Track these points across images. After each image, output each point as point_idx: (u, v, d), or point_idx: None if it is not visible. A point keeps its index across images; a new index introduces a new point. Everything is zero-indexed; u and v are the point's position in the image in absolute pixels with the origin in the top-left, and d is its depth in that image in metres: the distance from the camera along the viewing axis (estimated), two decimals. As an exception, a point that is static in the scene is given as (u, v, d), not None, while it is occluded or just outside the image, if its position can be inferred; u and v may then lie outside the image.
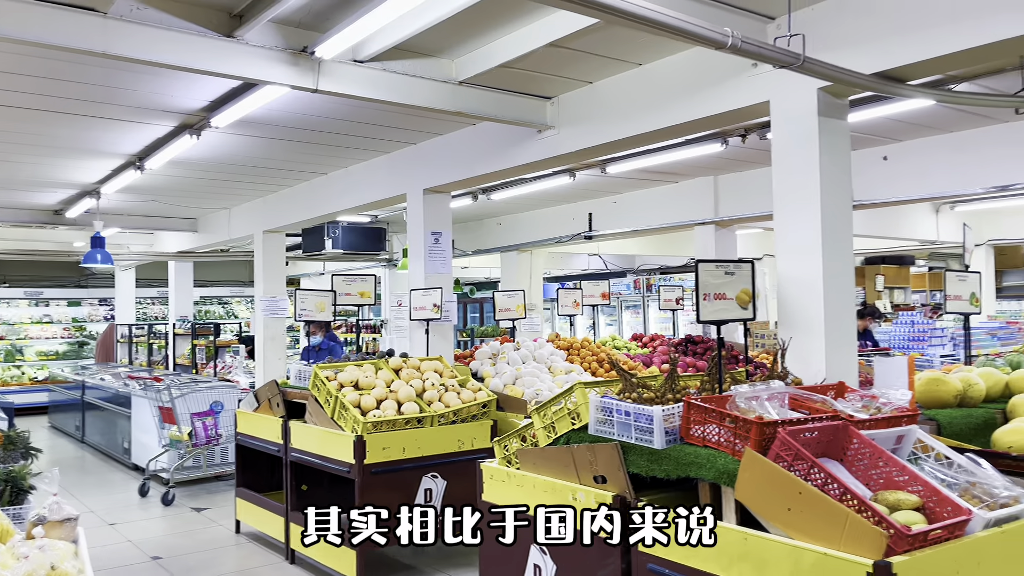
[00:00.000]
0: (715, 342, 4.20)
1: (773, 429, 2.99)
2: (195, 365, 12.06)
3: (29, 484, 4.06)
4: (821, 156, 3.97)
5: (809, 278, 3.97)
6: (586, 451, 3.53)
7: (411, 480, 5.42)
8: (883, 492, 2.85)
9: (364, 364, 6.06)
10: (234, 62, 4.23)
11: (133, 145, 7.02)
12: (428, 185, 6.92)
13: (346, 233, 11.52)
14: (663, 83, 4.86)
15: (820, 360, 3.90)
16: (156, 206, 10.45)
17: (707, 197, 9.01)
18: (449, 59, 5.02)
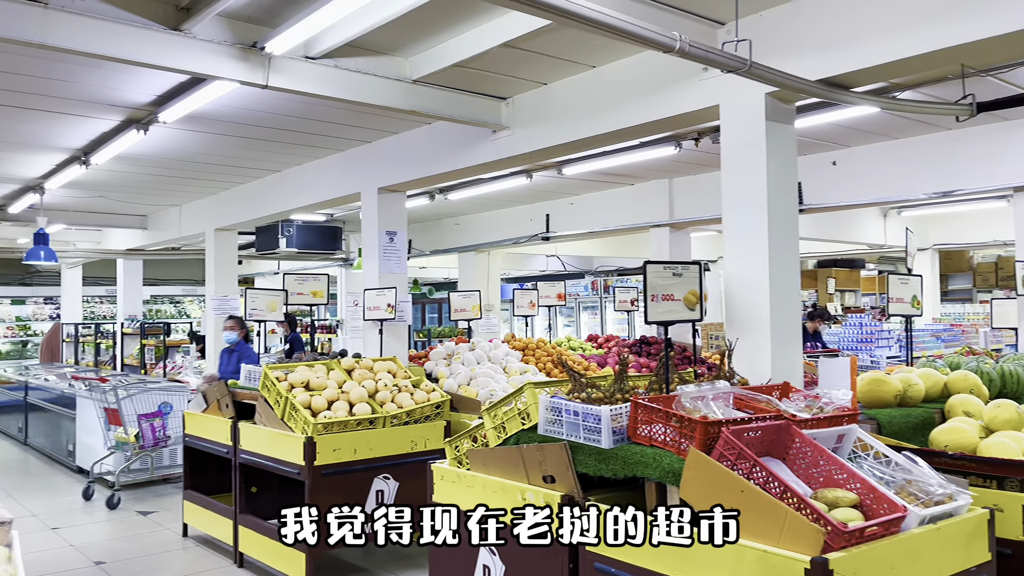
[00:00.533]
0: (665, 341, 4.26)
1: (717, 429, 3.03)
2: (144, 365, 11.80)
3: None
4: (768, 159, 4.03)
5: (756, 279, 4.03)
6: (535, 451, 3.53)
7: (362, 482, 5.36)
8: (822, 490, 2.91)
9: (315, 365, 5.98)
10: (181, 56, 4.15)
11: (78, 139, 6.84)
12: (383, 184, 6.87)
13: (301, 232, 11.38)
14: (616, 86, 4.89)
15: (766, 360, 3.96)
16: (104, 202, 10.21)
17: (662, 199, 9.10)
18: (403, 57, 4.99)
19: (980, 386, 4.29)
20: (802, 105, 5.53)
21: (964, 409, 3.99)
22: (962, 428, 3.71)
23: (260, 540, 5.52)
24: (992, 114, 6.15)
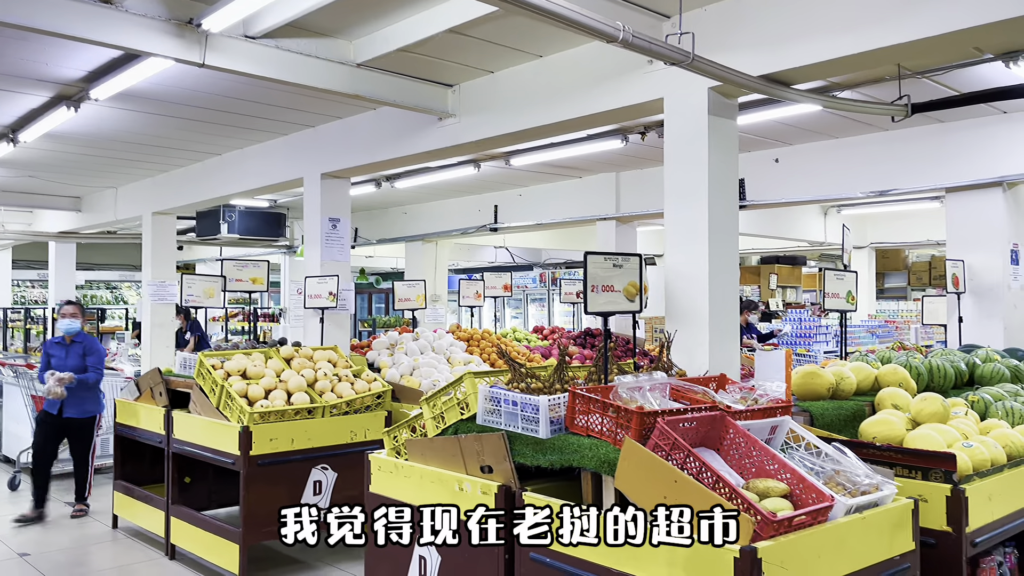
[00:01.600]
0: (615, 335, 4.26)
1: (653, 419, 3.04)
2: (77, 352, 11.40)
3: None
4: (710, 153, 4.06)
5: (695, 272, 4.07)
6: (473, 441, 3.50)
7: (300, 472, 5.27)
8: (754, 480, 2.94)
9: (253, 352, 5.85)
10: (112, 30, 3.99)
11: (4, 116, 6.55)
12: (326, 170, 6.74)
13: (243, 217, 11.13)
14: (563, 76, 4.87)
15: (704, 352, 4.00)
16: (35, 183, 9.81)
17: (609, 193, 9.15)
18: (347, 40, 4.89)
19: (909, 380, 4.41)
20: (746, 102, 5.61)
21: (893, 402, 4.09)
22: (890, 420, 3.80)
23: (193, 532, 5.38)
24: (927, 116, 6.33)
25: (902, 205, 10.09)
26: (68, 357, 6.40)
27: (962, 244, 6.84)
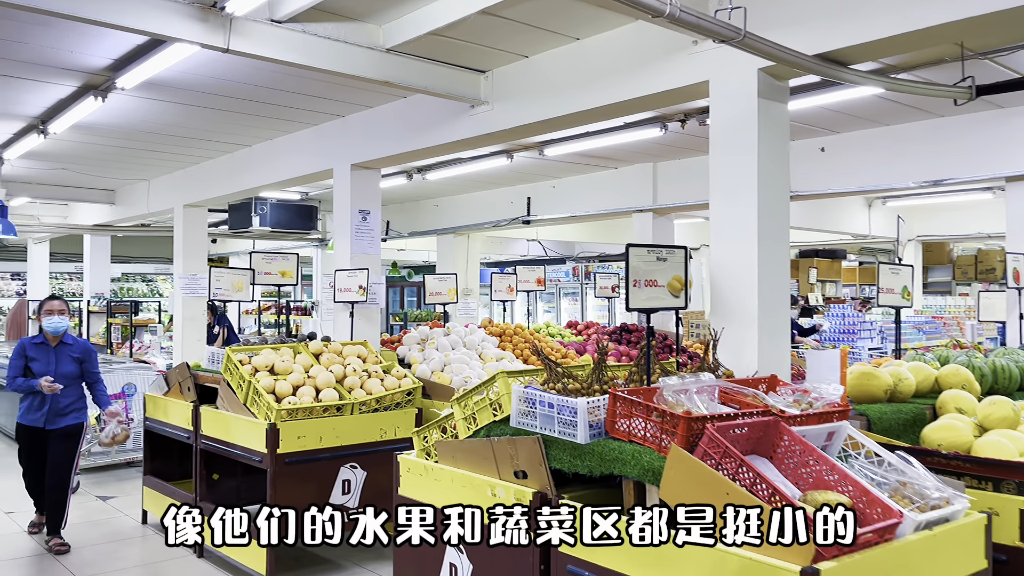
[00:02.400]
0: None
1: (701, 425, 2.82)
2: (110, 345, 11.45)
3: None
4: (760, 139, 3.81)
5: (744, 266, 3.82)
6: (507, 444, 3.31)
7: (328, 471, 5.14)
8: (812, 492, 2.71)
9: (281, 348, 5.73)
10: (134, 14, 3.85)
11: (33, 107, 6.48)
12: (356, 160, 6.58)
13: (275, 210, 11.05)
14: (601, 59, 4.64)
15: (753, 352, 3.76)
16: (68, 175, 9.82)
17: (646, 184, 8.88)
18: (376, 24, 4.71)
19: (972, 381, 4.13)
20: (792, 87, 5.33)
21: (956, 406, 3.82)
22: (955, 426, 3.54)
23: (220, 530, 5.26)
24: (985, 100, 5.98)
25: (951, 197, 9.68)
26: (59, 363, 5.43)
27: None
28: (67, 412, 5.48)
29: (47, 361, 5.38)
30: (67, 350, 5.49)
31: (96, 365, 5.65)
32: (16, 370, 5.36)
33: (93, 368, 5.63)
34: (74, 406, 5.50)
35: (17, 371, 5.35)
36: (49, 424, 5.42)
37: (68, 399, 5.45)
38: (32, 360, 5.37)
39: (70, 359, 5.47)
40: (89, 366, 5.60)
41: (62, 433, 5.47)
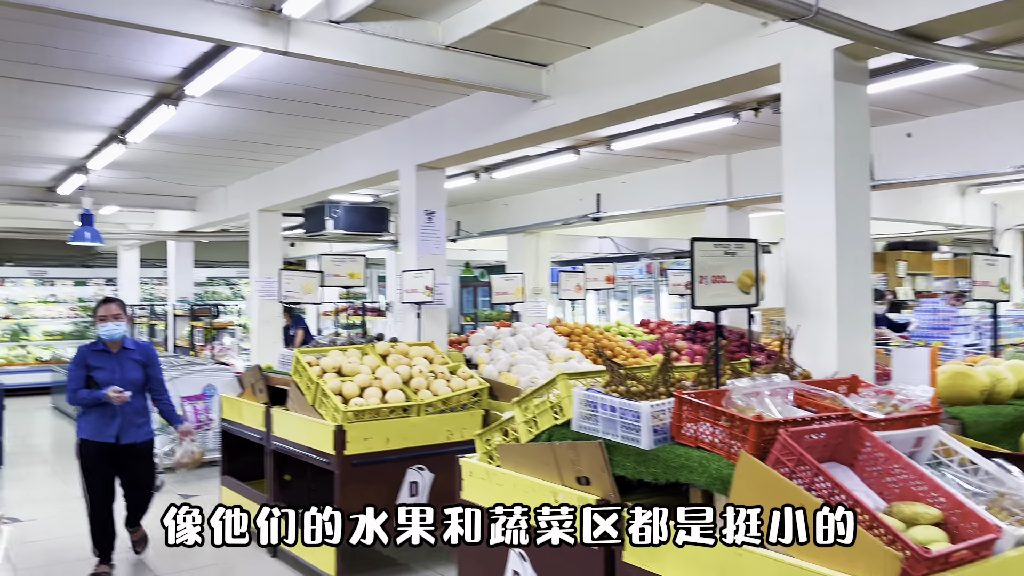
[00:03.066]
0: (725, 328, 3.85)
1: (773, 430, 2.63)
2: (193, 347, 11.83)
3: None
4: (836, 125, 3.57)
5: (820, 260, 3.59)
6: (568, 449, 3.19)
7: (395, 473, 5.11)
8: (898, 504, 2.50)
9: (349, 349, 5.75)
10: (195, 20, 3.89)
11: (112, 117, 6.71)
12: (421, 161, 6.56)
13: (348, 213, 11.19)
14: (666, 47, 4.46)
15: (831, 351, 3.52)
16: (152, 183, 10.17)
17: (719, 177, 8.59)
18: (435, 21, 4.65)
19: (1080, 382, 3.77)
20: (874, 68, 5.02)
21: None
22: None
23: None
24: (1093, 76, 5.50)
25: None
26: (124, 370, 4.96)
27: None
28: (139, 424, 5.06)
29: (111, 369, 4.90)
30: (130, 355, 5.02)
31: (160, 371, 5.22)
32: (78, 381, 4.88)
33: (157, 374, 5.18)
34: (143, 417, 5.12)
35: (79, 383, 4.88)
36: (124, 437, 4.96)
37: (138, 409, 5.05)
38: (94, 369, 4.88)
39: (135, 365, 5.02)
40: (153, 371, 5.13)
41: (138, 450, 5.08)
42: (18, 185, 10.30)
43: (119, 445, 4.97)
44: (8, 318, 16.48)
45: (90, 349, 4.98)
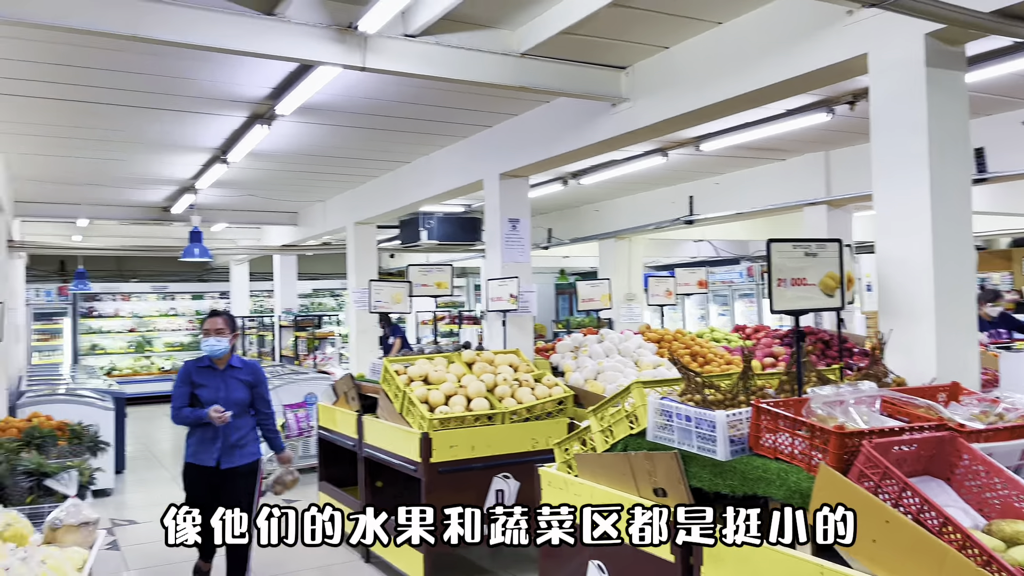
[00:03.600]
0: (827, 333, 3.67)
1: (857, 441, 2.47)
2: (297, 356, 12.28)
3: (88, 478, 4.02)
4: (930, 114, 3.34)
5: (915, 259, 3.36)
6: (644, 460, 3.11)
7: (481, 480, 5.13)
8: (999, 522, 2.30)
9: (435, 357, 5.82)
10: (275, 41, 4.03)
11: (213, 138, 7.05)
12: (504, 169, 6.58)
13: (441, 224, 11.37)
14: (746, 42, 4.30)
15: (929, 356, 3.29)
16: (256, 200, 10.64)
17: (818, 175, 8.23)
18: (509, 29, 4.65)
19: None
20: (980, 53, 4.69)
21: None
22: None
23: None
24: None
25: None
26: (228, 388, 4.57)
27: None
28: (243, 445, 4.61)
29: (216, 387, 4.53)
30: (236, 374, 4.64)
31: (267, 392, 4.83)
32: (182, 399, 4.54)
33: (265, 395, 4.77)
34: (248, 438, 4.66)
35: (183, 400, 4.54)
36: (225, 462, 4.54)
37: (241, 431, 4.60)
38: (199, 387, 4.53)
39: (240, 384, 4.61)
40: (261, 391, 4.74)
41: (240, 472, 4.62)
42: (136, 206, 10.98)
43: (220, 470, 4.53)
44: (133, 331, 17.60)
45: (196, 365, 4.65)
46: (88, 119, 6.33)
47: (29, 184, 9.16)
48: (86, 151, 7.52)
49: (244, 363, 4.77)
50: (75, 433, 4.57)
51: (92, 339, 17.44)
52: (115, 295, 17.69)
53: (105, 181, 9.10)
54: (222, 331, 4.56)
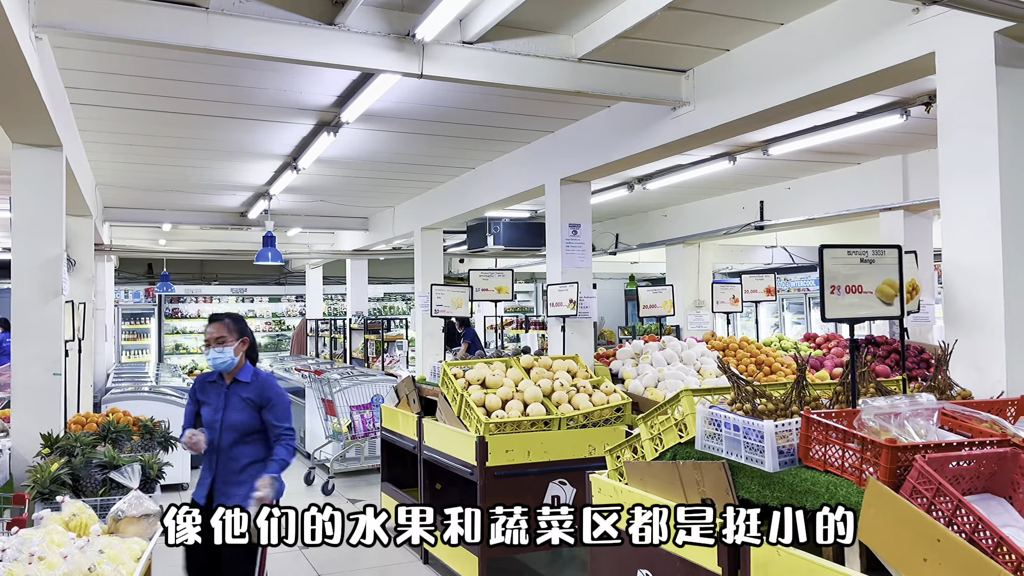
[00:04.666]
0: (906, 344, 3.55)
1: (910, 455, 2.37)
2: (367, 358, 12.52)
3: (158, 472, 4.19)
4: (1000, 114, 3.19)
5: (983, 265, 3.20)
6: (692, 469, 3.06)
7: (537, 486, 5.13)
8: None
9: (494, 362, 5.85)
10: (336, 50, 4.14)
11: (283, 146, 7.27)
12: (565, 175, 6.58)
13: (507, 229, 11.42)
14: (808, 43, 4.19)
15: (999, 368, 3.13)
16: (327, 206, 10.91)
17: (894, 179, 7.93)
18: (567, 35, 4.65)
19: None
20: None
21: None
22: None
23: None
24: None
25: None
26: (228, 408, 3.78)
27: None
28: (242, 481, 3.70)
29: (216, 406, 3.80)
30: (240, 391, 3.79)
31: (281, 415, 3.80)
32: (187, 418, 3.95)
33: (275, 419, 3.77)
34: (249, 472, 3.71)
35: (188, 420, 3.95)
36: (219, 499, 3.70)
37: (240, 461, 3.74)
38: (203, 404, 3.88)
39: (243, 403, 3.76)
40: (269, 415, 3.76)
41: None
42: (215, 211, 11.41)
43: (212, 509, 2.95)
44: (214, 332, 18.27)
45: (205, 379, 3.94)
46: (167, 128, 6.63)
47: (116, 190, 9.64)
48: (167, 159, 7.87)
49: (255, 378, 3.85)
50: (147, 428, 4.77)
51: (176, 339, 18.19)
52: (197, 297, 18.42)
53: (186, 187, 9.49)
54: (224, 340, 3.76)
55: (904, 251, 3.08)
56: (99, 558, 2.48)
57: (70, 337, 5.90)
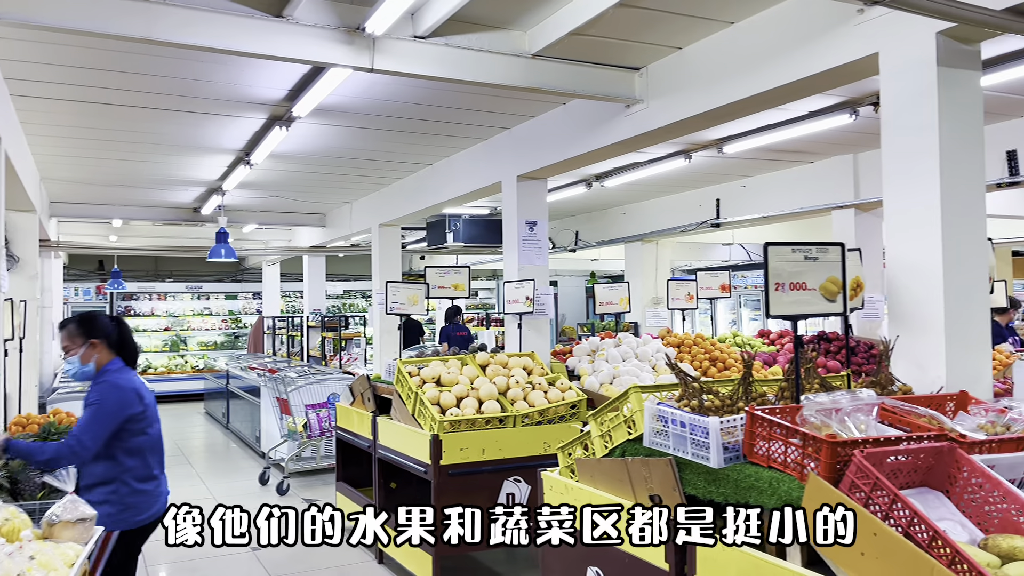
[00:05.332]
0: (855, 339, 3.60)
1: (850, 450, 2.40)
2: (324, 357, 12.38)
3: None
4: (941, 115, 3.24)
5: (924, 263, 3.26)
6: (640, 466, 3.06)
7: (491, 484, 5.12)
8: (996, 536, 2.21)
9: (449, 360, 5.81)
10: (284, 43, 4.06)
11: (235, 140, 7.14)
12: (521, 171, 6.56)
13: (467, 226, 11.38)
14: (758, 42, 4.23)
15: (938, 364, 3.19)
16: (282, 202, 10.76)
17: (846, 178, 8.07)
18: (520, 31, 4.63)
19: None
20: (1014, 51, 4.57)
21: None
22: None
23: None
24: None
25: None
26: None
27: None
28: (87, 494, 3.23)
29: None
30: (88, 396, 3.34)
31: (90, 411, 3.26)
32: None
33: (83, 415, 3.28)
34: (91, 494, 3.26)
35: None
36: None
37: (85, 479, 3.30)
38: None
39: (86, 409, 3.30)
40: (82, 419, 3.28)
41: None
42: (167, 207, 11.18)
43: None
44: (169, 330, 17.92)
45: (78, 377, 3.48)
46: (114, 121, 6.46)
47: (63, 185, 9.38)
48: (115, 153, 7.68)
49: (101, 379, 3.34)
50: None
51: (128, 337, 17.77)
52: (151, 295, 18.04)
53: (136, 182, 9.28)
54: (69, 348, 3.35)
55: (848, 248, 3.12)
56: (29, 564, 2.39)
57: (9, 336, 5.73)
